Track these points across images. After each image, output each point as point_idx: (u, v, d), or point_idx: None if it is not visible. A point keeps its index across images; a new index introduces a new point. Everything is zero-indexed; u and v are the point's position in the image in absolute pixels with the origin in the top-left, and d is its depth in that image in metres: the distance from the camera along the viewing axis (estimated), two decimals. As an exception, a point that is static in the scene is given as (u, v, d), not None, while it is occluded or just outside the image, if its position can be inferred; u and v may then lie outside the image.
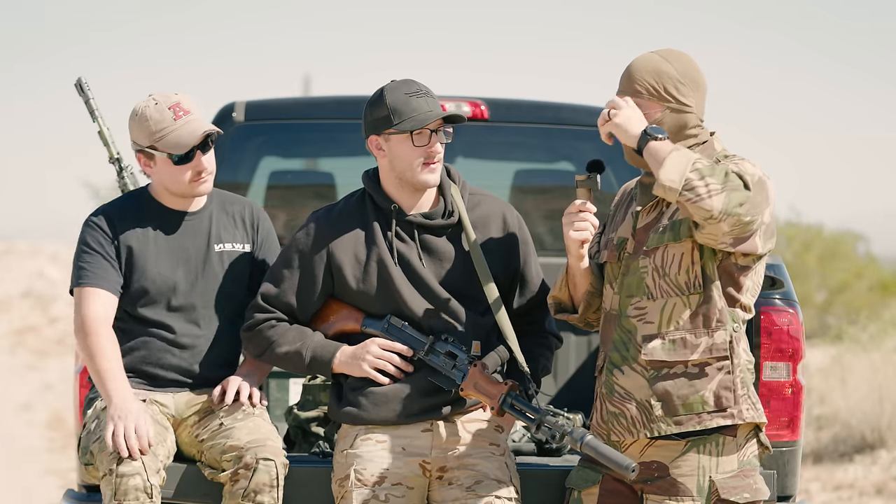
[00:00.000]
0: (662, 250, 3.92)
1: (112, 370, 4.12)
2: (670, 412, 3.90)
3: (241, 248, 4.36)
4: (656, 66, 3.94)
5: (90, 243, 4.25)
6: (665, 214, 3.95)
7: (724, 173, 3.72)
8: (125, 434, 3.99)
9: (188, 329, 4.28)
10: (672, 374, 3.90)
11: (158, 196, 4.32)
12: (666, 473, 3.92)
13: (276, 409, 5.26)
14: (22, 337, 18.65)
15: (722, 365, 3.90)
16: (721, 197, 3.71)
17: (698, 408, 3.89)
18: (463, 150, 5.97)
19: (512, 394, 4.01)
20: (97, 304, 4.19)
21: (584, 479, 4.06)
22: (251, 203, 4.45)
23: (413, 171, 4.09)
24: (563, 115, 5.84)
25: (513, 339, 4.09)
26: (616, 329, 3.98)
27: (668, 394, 3.90)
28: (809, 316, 18.91)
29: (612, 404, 3.97)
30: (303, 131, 6.02)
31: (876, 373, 10.83)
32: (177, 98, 4.23)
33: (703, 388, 3.89)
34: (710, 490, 3.89)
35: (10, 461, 10.78)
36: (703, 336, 3.90)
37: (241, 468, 4.05)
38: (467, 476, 4.09)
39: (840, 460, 10.34)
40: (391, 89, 4.09)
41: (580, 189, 4.00)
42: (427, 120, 4.04)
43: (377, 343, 4.13)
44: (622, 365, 3.96)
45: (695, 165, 3.73)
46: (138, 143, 4.25)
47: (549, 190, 6.09)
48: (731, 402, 3.89)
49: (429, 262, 4.15)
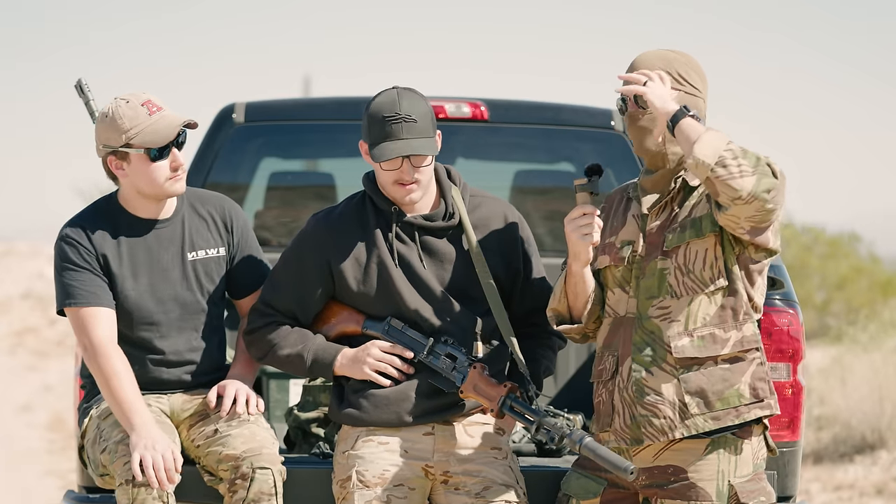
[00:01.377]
0: (684, 248, 3.91)
1: (130, 397, 4.05)
2: (708, 407, 3.89)
3: (216, 251, 4.29)
4: (662, 55, 3.96)
5: (73, 259, 4.16)
6: (678, 214, 3.95)
7: (756, 158, 3.74)
8: (154, 466, 3.95)
9: (170, 344, 4.24)
10: (704, 371, 3.90)
11: (128, 204, 4.23)
12: (684, 478, 3.90)
13: (276, 410, 5.26)
14: (22, 338, 18.64)
15: (754, 356, 3.92)
16: (752, 179, 3.72)
17: (735, 401, 3.89)
18: (463, 150, 5.98)
19: (511, 396, 4.00)
20: (102, 325, 4.13)
21: (585, 490, 4.03)
22: (223, 200, 4.37)
23: (388, 189, 4.09)
24: (563, 116, 5.84)
25: (513, 341, 4.09)
26: (636, 332, 3.96)
27: (702, 390, 3.89)
28: (809, 316, 18.91)
29: (644, 407, 3.93)
30: (303, 132, 6.02)
31: (876, 373, 10.84)
32: (147, 95, 4.16)
33: (737, 381, 3.89)
34: (729, 494, 3.89)
35: (9, 462, 10.78)
36: (731, 330, 3.90)
37: (238, 478, 4.03)
38: (474, 482, 4.09)
39: (840, 461, 10.34)
40: (373, 106, 4.05)
41: (580, 194, 3.98)
42: (382, 157, 4.01)
43: (378, 345, 4.13)
44: (651, 367, 3.94)
45: (729, 145, 3.74)
46: (110, 145, 4.14)
47: (549, 191, 6.09)
48: (766, 392, 3.91)
49: (429, 264, 4.15)
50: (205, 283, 4.27)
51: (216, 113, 5.78)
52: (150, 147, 4.12)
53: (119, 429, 4.09)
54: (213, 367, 4.32)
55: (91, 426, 4.23)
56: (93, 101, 4.80)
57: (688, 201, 3.95)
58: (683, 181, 3.96)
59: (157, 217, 4.24)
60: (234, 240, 4.32)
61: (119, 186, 4.26)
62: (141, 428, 4.01)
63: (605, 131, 5.70)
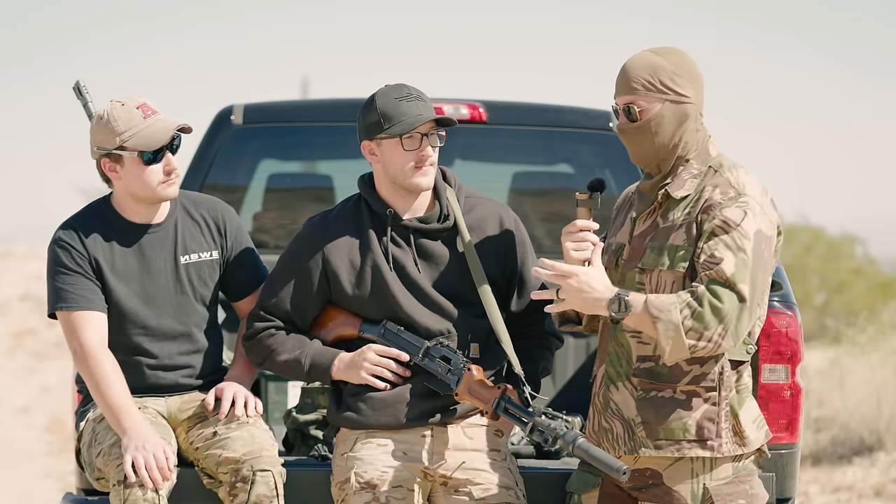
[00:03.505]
0: (657, 273, 3.89)
1: (121, 401, 4.06)
2: (651, 435, 3.88)
3: (209, 255, 4.29)
4: (649, 61, 3.90)
5: (66, 263, 4.16)
6: (660, 225, 3.92)
7: (713, 310, 3.71)
8: (146, 465, 3.95)
9: (165, 349, 4.24)
10: (660, 398, 3.88)
11: (121, 208, 4.23)
12: (660, 481, 3.90)
13: (274, 412, 5.26)
14: (20, 340, 18.62)
15: (709, 396, 3.87)
16: (729, 339, 3.75)
17: (679, 434, 3.86)
18: (461, 152, 5.98)
19: (506, 397, 4.00)
20: (93, 329, 4.12)
21: (584, 483, 4.05)
22: (216, 203, 4.37)
23: (405, 175, 4.08)
24: (562, 118, 5.84)
25: (507, 342, 4.09)
26: (612, 342, 3.96)
27: (651, 416, 3.88)
28: (808, 318, 18.90)
29: (605, 419, 3.96)
30: (301, 134, 6.02)
31: (874, 375, 10.82)
32: (142, 99, 4.17)
33: (687, 416, 3.86)
34: (703, 497, 3.87)
35: (8, 464, 10.77)
36: (693, 364, 3.86)
37: (238, 481, 4.03)
38: (474, 486, 4.09)
39: (839, 462, 10.33)
40: (382, 94, 4.09)
41: (581, 208, 3.96)
42: (415, 124, 4.04)
43: (374, 349, 4.13)
44: (617, 381, 3.94)
45: (685, 325, 3.72)
46: (104, 147, 4.15)
47: (548, 192, 6.09)
48: (712, 433, 3.86)
49: (424, 267, 4.15)
50: (198, 286, 4.27)
51: (214, 114, 5.78)
52: (144, 150, 4.13)
53: (113, 432, 4.09)
54: (210, 370, 4.32)
55: (87, 429, 4.23)
56: (91, 102, 4.80)
57: (671, 213, 3.91)
58: (666, 192, 3.93)
59: (151, 221, 4.24)
60: (227, 243, 4.32)
61: (112, 189, 4.26)
62: (132, 430, 4.01)
63: (604, 133, 5.70)
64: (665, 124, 3.88)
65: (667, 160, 3.92)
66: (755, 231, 3.78)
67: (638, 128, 3.89)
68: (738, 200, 3.81)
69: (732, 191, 3.83)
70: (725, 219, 3.79)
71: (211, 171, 5.66)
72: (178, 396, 4.28)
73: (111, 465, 4.01)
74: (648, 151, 3.91)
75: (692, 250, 3.83)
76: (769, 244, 3.82)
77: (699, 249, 3.81)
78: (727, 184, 3.85)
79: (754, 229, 3.78)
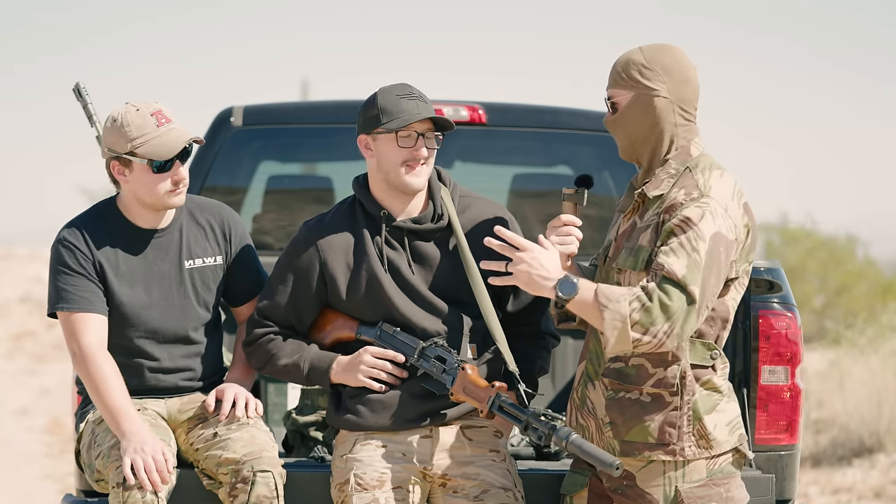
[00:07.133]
0: (628, 274, 3.89)
1: (120, 404, 4.06)
2: (618, 436, 3.89)
3: (213, 261, 4.29)
4: (628, 56, 3.93)
5: (69, 264, 4.16)
6: (637, 226, 3.92)
7: (661, 307, 3.69)
8: (146, 468, 3.95)
9: (167, 352, 4.24)
10: (626, 399, 3.89)
11: (127, 211, 4.23)
12: (634, 482, 3.90)
13: (274, 414, 5.26)
14: (20, 342, 18.63)
15: (671, 400, 3.87)
16: (673, 338, 3.72)
17: (642, 438, 3.87)
18: (461, 154, 5.98)
19: (500, 396, 4.01)
20: (92, 331, 4.12)
21: (573, 484, 4.07)
22: (221, 208, 4.37)
23: (397, 173, 4.08)
24: (561, 119, 5.84)
25: (502, 341, 4.09)
26: (592, 339, 3.98)
27: (618, 417, 3.89)
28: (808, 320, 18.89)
29: (582, 416, 3.98)
30: (301, 136, 6.02)
31: (874, 376, 10.83)
32: (157, 106, 4.15)
33: (650, 419, 3.86)
34: (675, 499, 3.86)
35: (8, 466, 10.77)
36: (658, 367, 3.86)
37: (238, 482, 4.03)
38: (473, 486, 4.09)
39: (838, 464, 10.34)
40: (384, 91, 4.10)
41: (566, 202, 3.99)
42: (412, 119, 4.04)
43: (370, 352, 4.13)
44: (595, 379, 3.95)
45: (632, 318, 3.70)
46: (114, 150, 4.14)
47: (547, 194, 6.09)
48: (673, 438, 3.86)
49: (418, 268, 4.15)
50: (202, 291, 4.27)
51: (214, 116, 5.78)
52: (154, 159, 4.12)
53: (112, 434, 4.09)
54: (210, 372, 4.32)
55: (87, 431, 4.23)
56: (91, 104, 4.79)
57: (647, 213, 3.91)
58: (642, 192, 3.92)
59: (156, 226, 4.24)
60: (231, 249, 4.32)
61: (119, 191, 4.26)
62: (130, 432, 4.01)
63: (604, 135, 5.69)
64: (635, 116, 3.89)
65: (643, 154, 3.93)
66: (713, 233, 3.76)
67: (614, 120, 3.93)
68: (700, 201, 3.79)
69: (696, 192, 3.81)
70: (684, 218, 3.77)
71: (211, 172, 5.66)
72: (177, 398, 4.28)
73: (110, 467, 4.01)
74: (626, 144, 3.95)
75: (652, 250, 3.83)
76: (728, 247, 3.79)
77: (656, 247, 3.81)
78: (693, 185, 3.84)
79: (712, 231, 3.76)
